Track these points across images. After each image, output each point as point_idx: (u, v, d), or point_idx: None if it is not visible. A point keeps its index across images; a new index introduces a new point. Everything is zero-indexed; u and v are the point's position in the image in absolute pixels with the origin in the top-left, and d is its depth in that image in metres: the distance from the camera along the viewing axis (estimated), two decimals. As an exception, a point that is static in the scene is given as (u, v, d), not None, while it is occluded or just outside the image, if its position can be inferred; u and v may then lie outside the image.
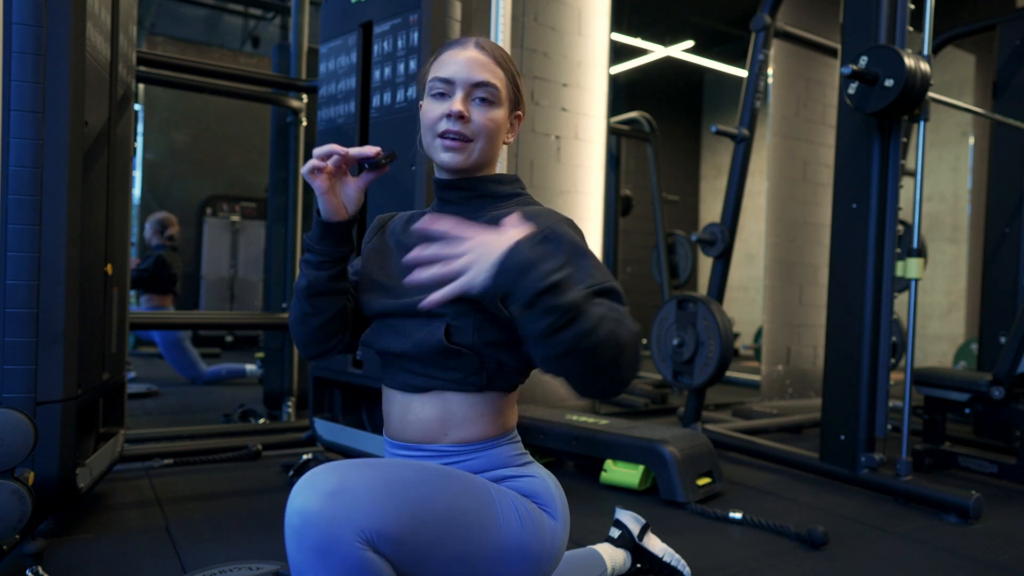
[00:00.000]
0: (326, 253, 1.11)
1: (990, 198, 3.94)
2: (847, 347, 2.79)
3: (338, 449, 2.75)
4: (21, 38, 1.82)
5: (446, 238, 0.90)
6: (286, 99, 3.62)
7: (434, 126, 1.12)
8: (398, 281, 1.13)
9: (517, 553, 1.06)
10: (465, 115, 1.09)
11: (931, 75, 2.55)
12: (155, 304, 4.96)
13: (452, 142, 1.11)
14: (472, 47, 1.14)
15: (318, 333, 1.16)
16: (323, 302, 1.13)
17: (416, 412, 1.12)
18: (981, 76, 5.99)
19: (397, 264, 1.17)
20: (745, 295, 9.85)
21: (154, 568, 1.83)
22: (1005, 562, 2.07)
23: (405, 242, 1.20)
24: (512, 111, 1.18)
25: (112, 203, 2.27)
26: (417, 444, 1.12)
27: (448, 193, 1.18)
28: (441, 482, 1.02)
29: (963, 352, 5.74)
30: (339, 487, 0.93)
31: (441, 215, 1.03)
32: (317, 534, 0.89)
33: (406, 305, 1.10)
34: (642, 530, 1.78)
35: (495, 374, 1.11)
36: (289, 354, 3.76)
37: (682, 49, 8.37)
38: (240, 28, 9.05)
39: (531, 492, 1.12)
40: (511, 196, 1.19)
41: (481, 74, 1.11)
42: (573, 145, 3.80)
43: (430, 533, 0.97)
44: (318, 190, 1.08)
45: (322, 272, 1.11)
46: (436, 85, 1.12)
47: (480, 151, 1.13)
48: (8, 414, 1.66)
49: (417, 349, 1.08)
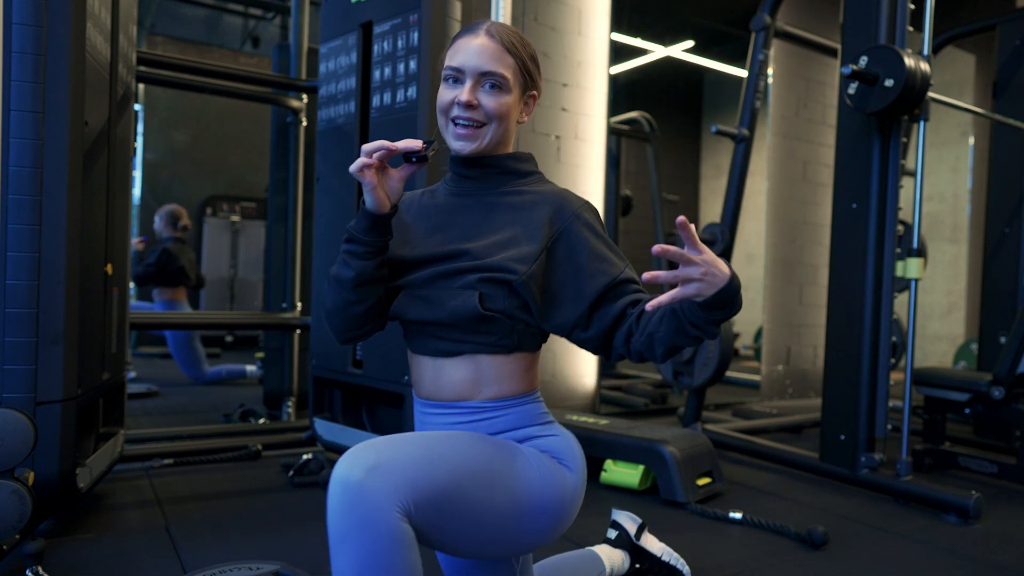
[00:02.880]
0: (373, 243, 1.14)
1: (990, 198, 3.94)
2: (847, 347, 2.79)
3: (338, 449, 2.75)
4: (21, 38, 1.82)
5: (691, 245, 1.00)
6: (286, 99, 3.62)
7: (447, 111, 1.17)
8: (424, 252, 1.18)
9: (540, 510, 1.12)
10: (474, 103, 1.14)
11: (931, 75, 2.56)
12: (167, 298, 4.92)
13: (464, 129, 1.16)
14: (483, 35, 1.16)
15: (360, 319, 1.20)
16: (368, 290, 1.17)
17: (449, 374, 1.17)
18: (981, 76, 5.99)
19: (420, 237, 1.21)
20: (745, 295, 9.74)
21: (154, 568, 1.83)
22: (1005, 562, 2.07)
23: (426, 214, 1.24)
24: (525, 92, 1.21)
25: (112, 203, 2.27)
26: (451, 403, 1.18)
27: (468, 169, 1.22)
28: (471, 451, 1.08)
29: (963, 352, 5.75)
30: (377, 461, 0.97)
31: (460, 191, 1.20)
32: (358, 505, 0.94)
33: (432, 276, 1.15)
34: (639, 529, 1.78)
35: (523, 336, 1.18)
36: (289, 354, 3.76)
37: (682, 49, 8.37)
38: (240, 28, 9.05)
39: (554, 449, 1.18)
40: (528, 174, 1.24)
41: (489, 64, 1.14)
42: (573, 145, 3.80)
43: (461, 499, 1.03)
44: (367, 185, 1.11)
45: (369, 262, 1.15)
46: (448, 72, 1.17)
47: (491, 135, 1.17)
48: (8, 414, 1.66)
49: (451, 317, 1.13)
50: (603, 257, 1.16)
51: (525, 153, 1.26)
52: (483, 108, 1.15)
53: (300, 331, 3.66)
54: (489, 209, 1.20)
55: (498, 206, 1.20)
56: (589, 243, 1.16)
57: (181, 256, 4.93)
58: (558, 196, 1.19)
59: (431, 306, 1.15)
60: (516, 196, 1.20)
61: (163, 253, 4.85)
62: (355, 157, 2.89)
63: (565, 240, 1.16)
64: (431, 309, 1.15)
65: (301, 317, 3.50)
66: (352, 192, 2.70)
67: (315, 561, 1.89)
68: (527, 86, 1.21)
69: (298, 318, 3.45)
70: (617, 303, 1.14)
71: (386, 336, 2.53)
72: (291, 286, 3.72)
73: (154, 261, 4.83)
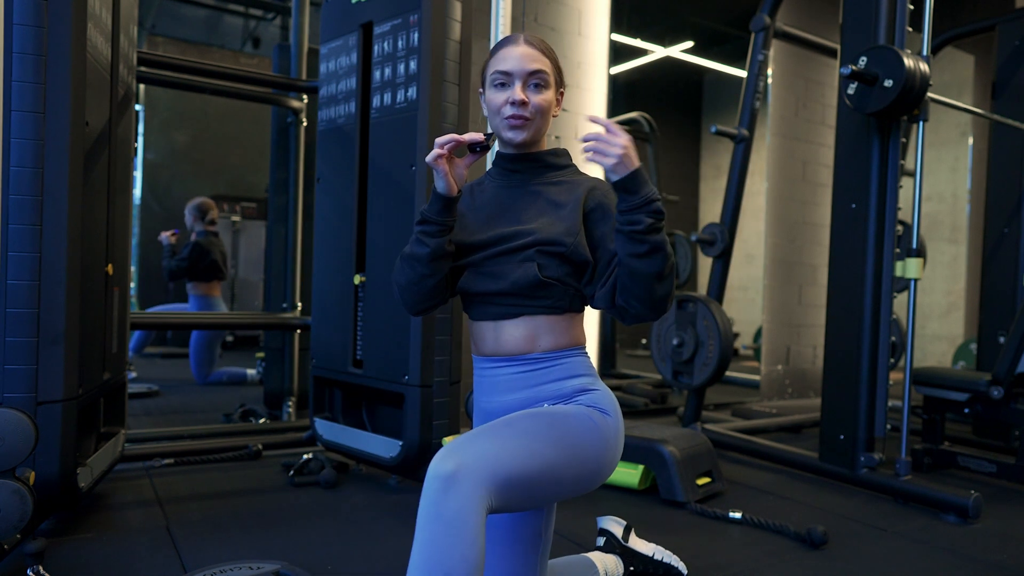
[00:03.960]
0: (444, 222, 1.33)
1: (989, 198, 3.94)
2: (846, 347, 2.80)
3: (338, 449, 2.76)
4: (22, 39, 1.82)
5: (610, 129, 1.21)
6: (286, 99, 3.63)
7: (500, 110, 1.36)
8: (483, 237, 1.36)
9: (595, 459, 1.29)
10: (526, 100, 1.34)
11: (930, 75, 2.56)
12: (201, 293, 4.90)
13: (516, 122, 1.35)
14: (523, 43, 1.37)
15: (431, 291, 1.37)
16: (440, 264, 1.35)
17: (510, 332, 1.36)
18: (980, 76, 5.99)
19: (478, 224, 1.39)
20: (745, 295, 9.86)
21: (154, 568, 1.83)
22: (1004, 562, 2.07)
23: (479, 205, 1.42)
24: (557, 89, 1.42)
25: (113, 203, 2.27)
26: (513, 356, 1.36)
27: (515, 164, 1.42)
28: (537, 433, 1.23)
29: (962, 352, 5.75)
30: (461, 462, 1.12)
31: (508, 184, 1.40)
32: (449, 495, 1.10)
33: (493, 254, 1.35)
34: (625, 532, 1.80)
35: (573, 298, 1.37)
36: (289, 354, 3.76)
37: (682, 49, 8.37)
38: (240, 29, 9.06)
39: (597, 402, 1.35)
40: (566, 166, 1.44)
41: (533, 64, 1.35)
42: (573, 145, 3.81)
43: (534, 478, 1.20)
44: (440, 172, 1.29)
45: (441, 239, 1.33)
46: (497, 77, 1.36)
47: (537, 126, 1.38)
48: (9, 414, 1.67)
49: (514, 287, 1.32)
50: None
51: (562, 149, 1.46)
52: (531, 105, 1.35)
53: (300, 331, 3.66)
54: (535, 196, 1.39)
55: (542, 193, 1.39)
56: (612, 215, 1.32)
57: (213, 250, 4.89)
58: (591, 180, 1.40)
59: (495, 279, 1.34)
60: (556, 185, 1.40)
61: (195, 247, 4.81)
62: (355, 157, 2.90)
63: (595, 213, 1.35)
64: (495, 281, 1.34)
65: (301, 317, 3.50)
66: (352, 192, 2.71)
67: (315, 561, 1.90)
68: (559, 83, 1.43)
69: (298, 318, 3.46)
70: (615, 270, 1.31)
71: (385, 336, 2.54)
72: (291, 286, 3.72)
73: (186, 255, 4.79)
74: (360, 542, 2.06)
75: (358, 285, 2.69)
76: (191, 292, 4.94)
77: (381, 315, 2.56)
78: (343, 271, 2.74)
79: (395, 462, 2.51)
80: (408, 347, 2.45)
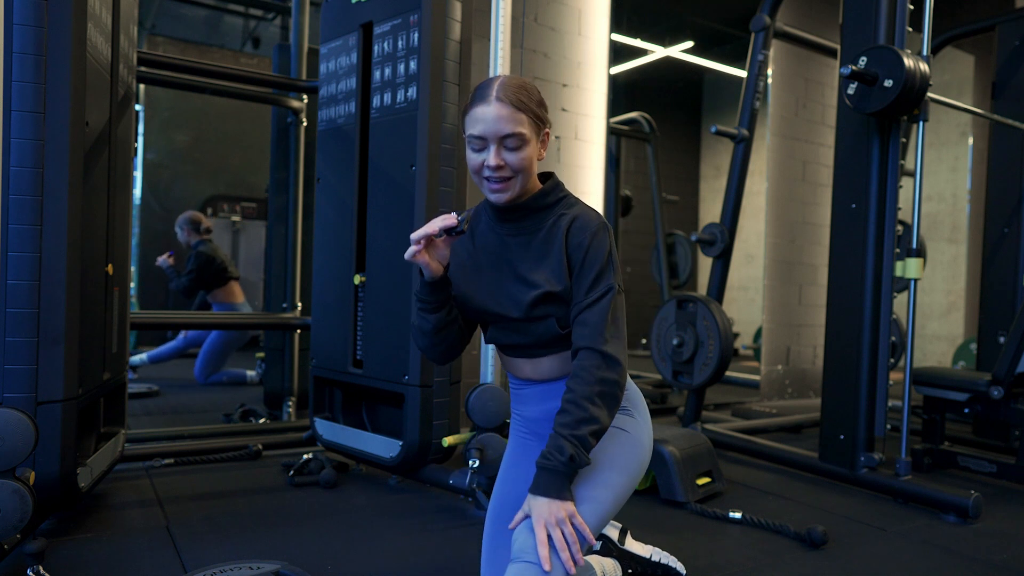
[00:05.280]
0: (438, 300, 1.39)
1: (989, 198, 3.94)
2: (846, 347, 2.80)
3: (338, 449, 2.76)
4: (22, 39, 1.82)
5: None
6: (286, 99, 3.63)
7: (478, 171, 1.36)
8: (492, 301, 1.42)
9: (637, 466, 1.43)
10: (501, 164, 1.33)
11: (930, 75, 2.56)
12: (222, 300, 4.89)
13: (496, 184, 1.35)
14: (494, 102, 1.33)
15: (450, 347, 1.47)
16: (447, 330, 1.44)
17: (545, 364, 1.45)
18: (980, 76, 6.00)
19: (479, 282, 1.44)
20: (745, 295, 9.85)
21: (154, 568, 1.83)
22: (1004, 562, 2.07)
23: (481, 253, 1.46)
24: (539, 135, 1.39)
25: (113, 203, 2.27)
26: (549, 381, 1.46)
27: (506, 215, 1.42)
28: (589, 479, 1.36)
29: (962, 352, 5.75)
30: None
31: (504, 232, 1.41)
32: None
33: (512, 317, 1.40)
34: (621, 534, 1.80)
35: None
36: (289, 354, 3.76)
37: (682, 49, 8.37)
38: (241, 29, 9.05)
39: (628, 400, 1.46)
40: (556, 203, 1.42)
41: (507, 127, 1.32)
42: (573, 145, 3.81)
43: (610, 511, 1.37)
44: (422, 264, 1.34)
45: (440, 313, 1.41)
46: (472, 141, 1.35)
47: (521, 182, 1.36)
48: (9, 414, 1.67)
49: (538, 340, 1.41)
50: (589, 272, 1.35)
51: (549, 185, 1.43)
52: (509, 165, 1.34)
53: (300, 331, 3.66)
54: (527, 245, 1.41)
55: (533, 241, 1.40)
56: (585, 256, 1.35)
57: (217, 254, 4.88)
58: (576, 217, 1.38)
59: (519, 334, 1.42)
60: (547, 230, 1.40)
61: (199, 257, 4.78)
62: (355, 157, 2.89)
63: (574, 256, 1.36)
64: (520, 336, 1.42)
65: (301, 317, 3.50)
66: (352, 192, 2.71)
67: (315, 561, 1.90)
68: (539, 129, 1.39)
69: (298, 318, 3.46)
70: (575, 318, 1.34)
71: (385, 336, 2.54)
72: (291, 286, 3.72)
73: (193, 267, 4.76)
74: (360, 542, 2.06)
75: (358, 285, 2.69)
76: (213, 303, 4.92)
77: (381, 315, 2.56)
78: (343, 271, 2.74)
79: (395, 462, 2.51)
80: (408, 347, 2.45)
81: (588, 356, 1.30)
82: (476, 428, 2.44)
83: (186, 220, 4.97)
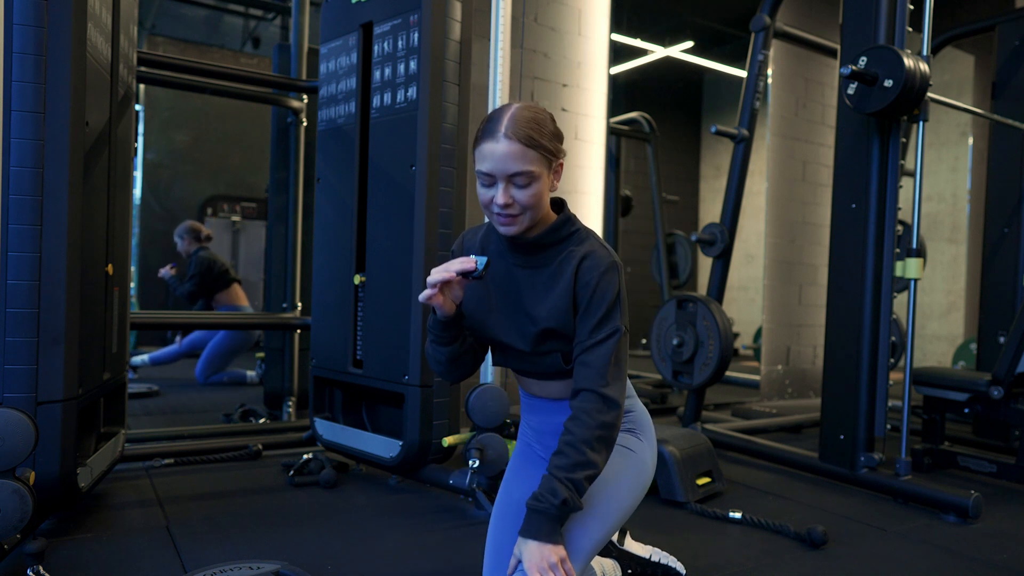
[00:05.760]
0: (451, 335, 1.41)
1: (989, 198, 3.94)
2: (846, 347, 2.80)
3: (338, 449, 2.76)
4: (22, 39, 1.82)
5: None
6: (286, 99, 3.63)
7: (488, 207, 1.35)
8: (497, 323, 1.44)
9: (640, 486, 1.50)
10: (510, 202, 1.31)
11: (930, 75, 2.56)
12: (225, 302, 4.90)
13: (505, 218, 1.33)
14: (503, 140, 1.29)
15: (465, 370, 1.50)
16: (462, 359, 1.46)
17: (554, 387, 1.48)
18: (980, 76, 6.00)
19: (489, 304, 1.45)
20: (745, 295, 9.85)
21: (154, 568, 1.83)
22: (1004, 562, 2.07)
23: (493, 285, 1.46)
24: (551, 168, 1.36)
25: (113, 203, 2.27)
26: (559, 399, 1.49)
27: (517, 247, 1.42)
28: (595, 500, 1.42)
29: (962, 352, 5.75)
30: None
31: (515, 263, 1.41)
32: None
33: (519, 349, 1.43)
34: (620, 535, 1.81)
35: None
36: (289, 354, 3.76)
37: (682, 49, 8.37)
38: (241, 29, 9.05)
39: (633, 424, 1.52)
40: (567, 237, 1.41)
41: (515, 165, 1.29)
42: (573, 146, 3.81)
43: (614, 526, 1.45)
44: (437, 307, 1.35)
45: (453, 346, 1.43)
46: (481, 177, 1.33)
47: (531, 217, 1.34)
48: (9, 414, 1.67)
49: (545, 370, 1.44)
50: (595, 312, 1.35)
51: (561, 219, 1.40)
52: (518, 203, 1.32)
53: (300, 331, 3.66)
54: (533, 278, 1.41)
55: (542, 274, 1.40)
56: (592, 296, 1.34)
57: (217, 259, 4.92)
58: (587, 256, 1.37)
59: (528, 363, 1.45)
60: (556, 265, 1.39)
61: (200, 262, 4.81)
62: (355, 157, 2.89)
63: (581, 294, 1.36)
64: (530, 364, 1.45)
65: (301, 317, 3.50)
66: (352, 192, 2.71)
67: (315, 561, 1.90)
68: (551, 162, 1.35)
69: (298, 318, 3.46)
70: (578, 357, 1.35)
71: (385, 336, 2.54)
72: (291, 286, 3.72)
73: (195, 271, 4.78)
74: (360, 542, 2.06)
75: (358, 285, 2.69)
76: (216, 307, 4.93)
77: (381, 315, 2.56)
78: (343, 271, 2.74)
79: (395, 462, 2.51)
80: (408, 347, 2.45)
81: (588, 399, 1.30)
82: (476, 428, 2.44)
83: (186, 229, 4.99)
